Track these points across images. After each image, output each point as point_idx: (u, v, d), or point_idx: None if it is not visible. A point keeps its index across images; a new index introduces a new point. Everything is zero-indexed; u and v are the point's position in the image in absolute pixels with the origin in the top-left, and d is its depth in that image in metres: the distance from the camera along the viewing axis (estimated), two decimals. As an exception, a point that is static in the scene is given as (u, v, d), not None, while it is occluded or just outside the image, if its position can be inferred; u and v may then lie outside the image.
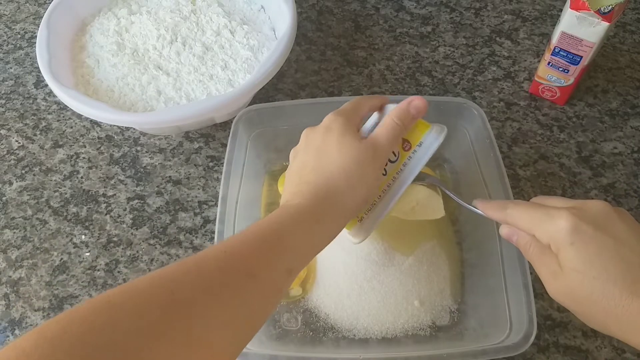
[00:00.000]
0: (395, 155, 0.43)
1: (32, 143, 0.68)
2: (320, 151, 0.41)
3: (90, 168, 0.65)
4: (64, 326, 0.26)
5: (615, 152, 0.65)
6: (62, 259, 0.59)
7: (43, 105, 0.71)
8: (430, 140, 0.43)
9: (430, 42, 0.77)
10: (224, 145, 0.66)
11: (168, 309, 0.29)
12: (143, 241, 0.60)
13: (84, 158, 0.66)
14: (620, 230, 0.35)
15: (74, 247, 0.59)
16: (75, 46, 0.68)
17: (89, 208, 0.62)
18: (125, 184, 0.64)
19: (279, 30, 0.67)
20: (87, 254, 0.59)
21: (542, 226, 0.37)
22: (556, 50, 0.63)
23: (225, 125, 0.68)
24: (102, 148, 0.67)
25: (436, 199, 0.51)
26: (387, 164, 0.43)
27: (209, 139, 0.67)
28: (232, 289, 0.32)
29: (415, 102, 0.43)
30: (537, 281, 0.55)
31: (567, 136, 0.66)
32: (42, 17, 0.65)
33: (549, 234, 0.36)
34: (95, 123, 0.69)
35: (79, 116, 0.69)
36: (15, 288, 0.57)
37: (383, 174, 0.42)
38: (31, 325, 0.55)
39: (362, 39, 0.77)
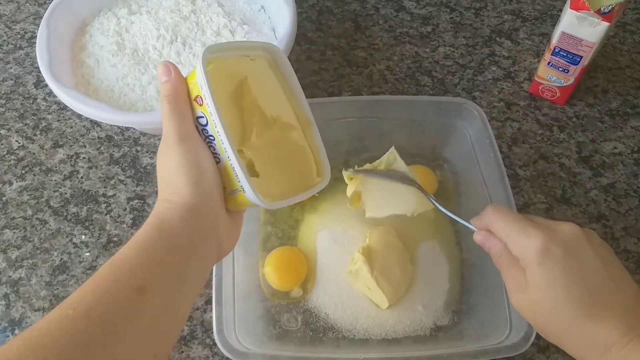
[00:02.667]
0: (204, 119, 0.39)
1: (32, 143, 0.68)
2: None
3: (90, 168, 0.65)
4: None
5: (615, 152, 0.65)
6: (62, 259, 0.59)
7: (43, 105, 0.71)
8: (199, 75, 0.39)
9: (430, 42, 0.77)
10: (224, 145, 0.66)
11: None
12: (143, 241, 0.60)
13: (84, 158, 0.66)
14: (587, 255, 0.37)
15: (74, 247, 0.59)
16: (75, 46, 0.68)
17: (89, 208, 0.62)
18: (125, 184, 0.64)
19: (279, 30, 0.67)
20: (87, 254, 0.59)
21: (517, 240, 0.39)
22: (556, 50, 0.63)
23: (225, 125, 0.68)
24: (102, 148, 0.67)
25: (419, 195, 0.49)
26: (202, 131, 0.39)
27: (209, 139, 0.67)
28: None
29: (158, 69, 0.41)
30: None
31: (567, 136, 0.66)
32: (42, 17, 0.65)
33: (521, 250, 0.38)
34: (95, 123, 0.69)
35: (79, 116, 0.69)
36: (15, 288, 0.57)
37: (210, 142, 0.39)
38: (31, 325, 0.55)
39: (362, 39, 0.77)
